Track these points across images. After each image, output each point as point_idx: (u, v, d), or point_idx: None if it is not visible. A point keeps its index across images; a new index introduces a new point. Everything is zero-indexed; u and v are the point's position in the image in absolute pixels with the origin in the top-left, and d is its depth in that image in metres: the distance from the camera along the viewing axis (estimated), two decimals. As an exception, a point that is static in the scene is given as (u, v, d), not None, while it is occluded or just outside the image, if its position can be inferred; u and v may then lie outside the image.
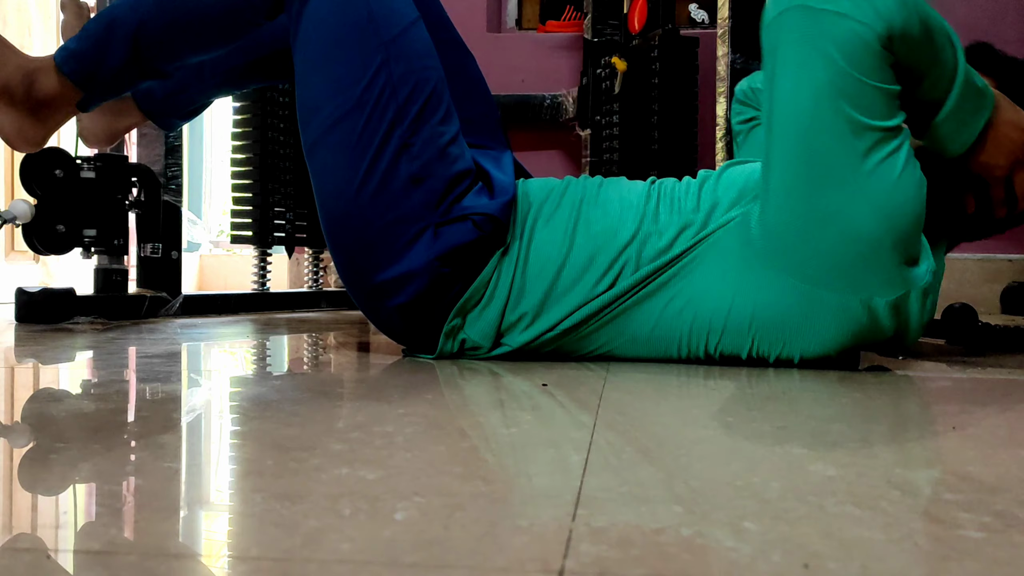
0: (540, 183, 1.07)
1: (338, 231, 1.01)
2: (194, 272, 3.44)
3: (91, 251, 1.54)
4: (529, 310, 0.99)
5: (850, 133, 0.83)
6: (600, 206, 1.01)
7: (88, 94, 1.04)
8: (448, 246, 0.98)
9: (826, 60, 0.82)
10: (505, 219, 1.00)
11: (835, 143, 0.83)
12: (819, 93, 0.83)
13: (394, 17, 1.00)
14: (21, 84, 1.03)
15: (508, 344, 1.01)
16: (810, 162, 0.85)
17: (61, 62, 1.02)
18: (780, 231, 0.89)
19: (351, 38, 0.99)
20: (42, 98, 1.04)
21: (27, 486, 0.46)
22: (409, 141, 0.98)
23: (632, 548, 0.36)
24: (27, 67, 1.03)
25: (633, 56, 1.97)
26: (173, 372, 0.89)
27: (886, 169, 0.84)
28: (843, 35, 0.81)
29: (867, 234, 0.85)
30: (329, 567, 0.34)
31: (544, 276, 0.99)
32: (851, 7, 0.80)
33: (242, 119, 1.90)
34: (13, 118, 1.04)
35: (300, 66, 1.03)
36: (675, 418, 0.67)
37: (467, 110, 1.13)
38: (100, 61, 1.01)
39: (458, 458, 0.52)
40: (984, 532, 0.39)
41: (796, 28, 0.84)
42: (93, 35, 1.01)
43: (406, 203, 0.98)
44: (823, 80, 0.82)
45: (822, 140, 0.84)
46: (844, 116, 0.82)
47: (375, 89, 0.98)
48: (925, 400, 0.79)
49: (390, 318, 1.03)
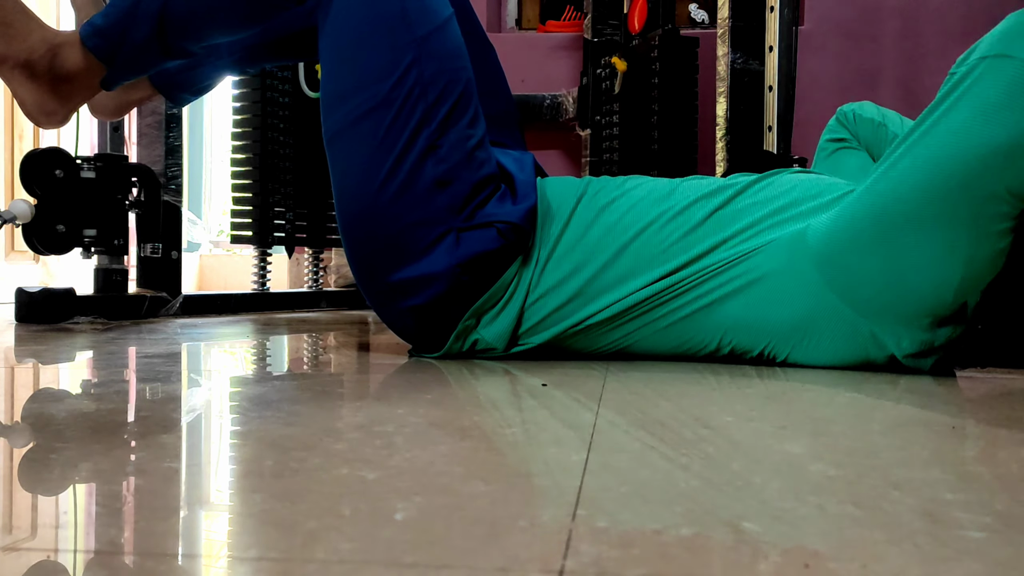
0: (560, 183, 1.06)
1: (356, 227, 1.00)
2: (194, 272, 3.44)
3: (91, 251, 1.54)
4: (548, 314, 0.99)
5: (991, 200, 0.80)
6: (622, 207, 1.00)
7: (112, 71, 1.02)
8: (471, 253, 0.97)
9: (1010, 126, 0.78)
10: (529, 227, 0.98)
11: (972, 204, 0.80)
12: (992, 151, 0.79)
13: (428, 14, 0.99)
14: (44, 57, 1.00)
15: (526, 344, 1.00)
16: (934, 208, 0.82)
17: (86, 36, 0.99)
18: (849, 255, 0.88)
19: (382, 32, 0.97)
20: (65, 73, 1.01)
21: (27, 486, 0.46)
22: (437, 143, 0.97)
23: (632, 548, 0.36)
24: (52, 41, 1.00)
25: (633, 56, 1.97)
26: (173, 372, 0.89)
27: (995, 240, 0.82)
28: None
29: (940, 292, 0.84)
30: (329, 567, 0.34)
31: (566, 281, 0.98)
32: None
33: (242, 119, 1.90)
34: (34, 92, 1.02)
35: (326, 55, 1.01)
36: (675, 418, 0.67)
37: (490, 107, 1.12)
38: (124, 37, 0.98)
39: (458, 458, 0.52)
40: (984, 532, 0.39)
41: (1010, 81, 0.78)
42: (120, 10, 0.99)
43: (429, 206, 0.97)
44: (1003, 142, 0.78)
45: (960, 195, 0.81)
46: (1000, 183, 0.79)
47: (404, 87, 0.96)
48: (925, 400, 0.79)
49: (403, 318, 1.02)
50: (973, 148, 0.80)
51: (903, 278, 0.85)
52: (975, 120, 0.80)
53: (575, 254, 0.98)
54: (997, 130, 0.79)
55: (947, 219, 0.82)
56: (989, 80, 0.80)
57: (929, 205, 0.83)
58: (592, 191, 1.03)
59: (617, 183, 1.04)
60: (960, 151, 0.81)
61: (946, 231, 0.82)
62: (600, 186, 1.03)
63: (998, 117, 0.79)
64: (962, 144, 0.81)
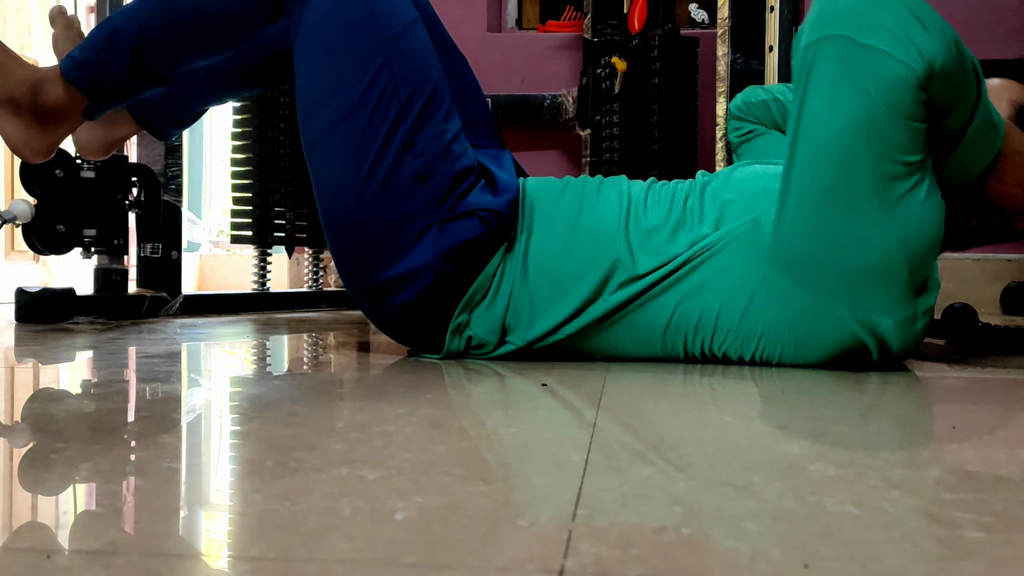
0: (540, 182, 1.07)
1: (340, 230, 1.01)
2: (194, 272, 3.44)
3: (91, 251, 1.54)
4: (533, 306, 0.99)
5: (878, 167, 0.83)
6: (601, 206, 1.01)
7: (94, 101, 1.04)
8: (455, 242, 0.98)
9: (863, 95, 0.82)
10: (511, 215, 1.00)
11: (863, 175, 0.84)
12: (853, 126, 0.83)
13: (395, 16, 1.01)
14: (28, 94, 1.03)
15: (512, 342, 1.01)
16: (836, 190, 0.86)
17: (66, 70, 1.02)
18: (798, 248, 0.90)
19: (352, 37, 0.99)
20: (49, 107, 1.04)
21: (27, 486, 0.46)
22: (413, 139, 0.98)
23: (632, 548, 0.36)
24: (33, 77, 1.03)
25: (633, 56, 1.97)
26: (173, 372, 0.89)
27: (910, 200, 0.85)
28: (883, 74, 0.80)
29: (887, 260, 0.86)
30: (329, 567, 0.34)
31: (547, 273, 0.99)
32: (895, 46, 0.80)
33: (242, 119, 1.90)
34: (20, 128, 1.04)
35: (301, 67, 1.03)
36: (675, 418, 0.67)
37: (464, 112, 1.14)
38: (104, 67, 1.01)
39: (458, 458, 0.52)
40: (984, 532, 0.39)
41: (837, 58, 0.83)
42: (97, 42, 1.01)
43: (411, 200, 0.98)
44: (858, 114, 0.82)
45: (850, 171, 0.84)
46: (874, 151, 0.83)
47: (377, 88, 0.98)
48: (925, 400, 0.79)
49: (394, 318, 1.03)
50: (837, 128, 0.84)
51: (852, 259, 0.87)
52: (826, 103, 0.85)
53: (553, 250, 0.99)
54: (847, 104, 0.83)
55: (857, 195, 0.85)
56: (821, 62, 0.84)
57: (836, 188, 0.86)
58: (572, 189, 1.04)
59: (595, 183, 1.05)
60: (829, 135, 0.85)
61: (863, 205, 0.85)
62: (580, 185, 1.05)
63: (842, 93, 0.83)
64: (826, 129, 0.85)
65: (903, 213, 0.85)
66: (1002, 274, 2.08)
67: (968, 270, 2.08)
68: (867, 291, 0.88)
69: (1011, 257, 2.08)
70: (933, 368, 1.02)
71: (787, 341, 0.94)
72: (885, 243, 0.85)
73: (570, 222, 1.00)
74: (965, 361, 1.08)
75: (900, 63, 0.80)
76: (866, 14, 0.81)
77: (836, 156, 0.85)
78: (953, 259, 2.03)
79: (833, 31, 0.83)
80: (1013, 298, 2.02)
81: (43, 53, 2.80)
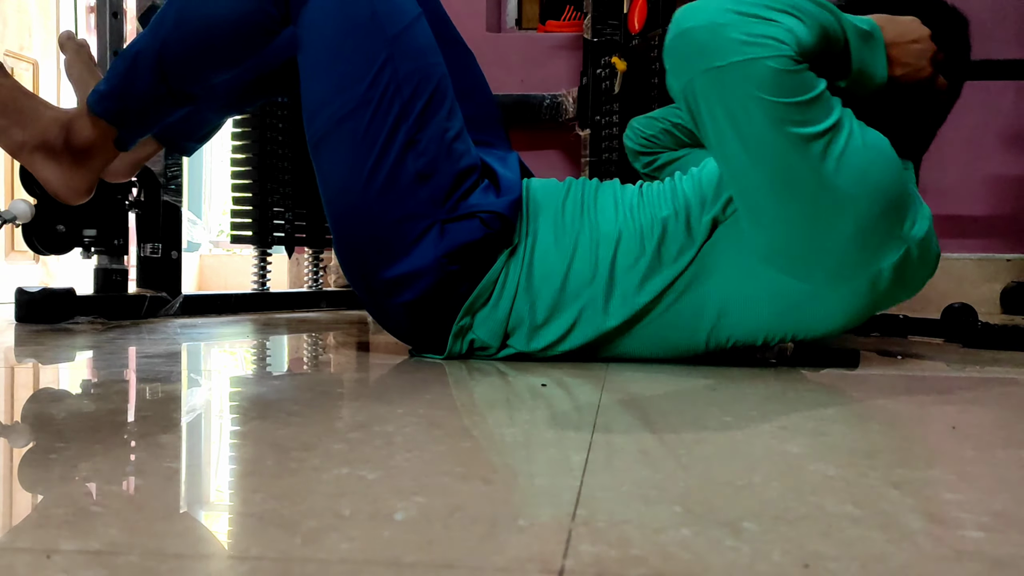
0: (544, 184, 1.07)
1: (345, 227, 1.01)
2: (194, 272, 3.44)
3: (91, 251, 1.54)
4: (537, 314, 0.99)
5: (806, 147, 0.83)
6: (599, 213, 1.01)
7: (123, 130, 1.04)
8: (455, 244, 0.98)
9: (755, 103, 0.81)
10: (513, 217, 1.00)
11: (800, 163, 0.83)
12: (764, 134, 0.83)
13: (397, 14, 1.00)
14: (59, 135, 1.04)
15: (513, 346, 1.01)
16: (790, 191, 0.85)
17: (92, 103, 1.02)
18: (786, 253, 0.90)
19: (355, 36, 0.99)
20: (81, 145, 1.04)
21: (27, 486, 0.46)
22: (415, 137, 0.98)
23: (632, 548, 0.36)
24: (62, 117, 1.04)
25: (633, 56, 1.97)
26: (173, 372, 0.89)
27: (848, 153, 0.84)
28: (762, 77, 0.80)
29: (861, 215, 0.85)
30: (329, 567, 0.34)
31: (550, 281, 0.99)
32: (755, 50, 0.80)
33: (242, 119, 1.90)
34: (57, 171, 1.05)
35: (305, 66, 1.02)
36: (675, 418, 0.67)
37: (469, 109, 1.13)
38: (129, 92, 1.01)
39: (458, 458, 0.52)
40: (984, 532, 0.39)
41: (712, 91, 0.83)
42: (120, 70, 1.01)
43: (413, 200, 0.98)
44: (761, 121, 0.82)
45: (790, 168, 0.84)
46: (794, 138, 0.82)
47: (380, 86, 0.98)
48: (925, 400, 0.79)
49: (397, 316, 1.03)
50: (754, 144, 0.84)
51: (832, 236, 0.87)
52: (731, 131, 0.84)
53: (556, 257, 0.99)
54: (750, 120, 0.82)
55: (808, 188, 0.84)
56: (703, 100, 0.84)
57: (788, 197, 0.86)
58: (573, 195, 1.04)
59: (591, 188, 1.05)
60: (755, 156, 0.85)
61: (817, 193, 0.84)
62: (579, 190, 1.05)
63: (739, 114, 0.83)
64: (744, 153, 0.85)
65: (848, 170, 0.84)
66: (1002, 274, 2.08)
67: (968, 270, 2.08)
68: (861, 254, 0.88)
69: (1011, 257, 2.08)
70: (933, 368, 1.02)
71: (796, 319, 0.94)
72: (849, 205, 0.85)
73: (572, 231, 1.00)
74: (965, 361, 1.08)
75: (769, 59, 0.80)
76: (712, 40, 0.81)
77: (772, 165, 0.84)
78: (953, 259, 2.03)
79: (695, 70, 0.83)
80: (1013, 298, 2.02)
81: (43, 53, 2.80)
